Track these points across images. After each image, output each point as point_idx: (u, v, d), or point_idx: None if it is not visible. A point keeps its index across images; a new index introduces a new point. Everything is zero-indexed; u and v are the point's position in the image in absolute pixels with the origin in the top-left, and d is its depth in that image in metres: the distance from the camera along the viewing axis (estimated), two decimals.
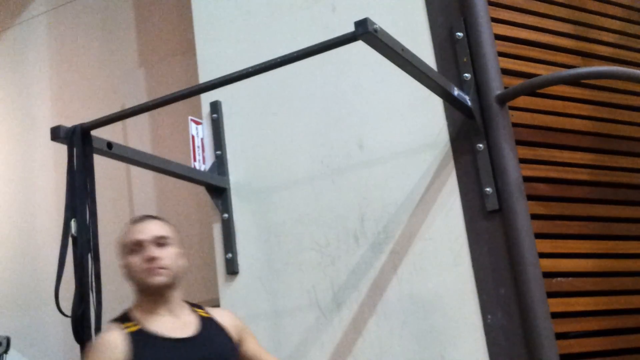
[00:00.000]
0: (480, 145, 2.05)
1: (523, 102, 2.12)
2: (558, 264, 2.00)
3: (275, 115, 2.44)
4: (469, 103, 2.03)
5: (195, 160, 2.46)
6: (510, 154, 2.01)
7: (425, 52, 2.17)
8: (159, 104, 1.98)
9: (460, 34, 2.13)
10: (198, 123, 2.53)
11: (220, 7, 2.62)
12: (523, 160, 2.04)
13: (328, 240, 2.25)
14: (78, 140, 1.93)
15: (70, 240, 1.90)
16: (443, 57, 2.17)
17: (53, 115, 3.56)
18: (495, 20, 2.17)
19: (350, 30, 1.63)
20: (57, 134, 1.95)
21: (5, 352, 3.14)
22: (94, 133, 1.97)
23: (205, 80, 2.26)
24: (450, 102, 2.02)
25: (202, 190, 2.51)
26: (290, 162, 2.37)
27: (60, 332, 3.19)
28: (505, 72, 2.11)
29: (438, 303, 2.05)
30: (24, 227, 3.52)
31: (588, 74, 2.19)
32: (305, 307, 2.24)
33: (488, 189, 2.02)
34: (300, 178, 2.34)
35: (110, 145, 2.00)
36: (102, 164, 2.09)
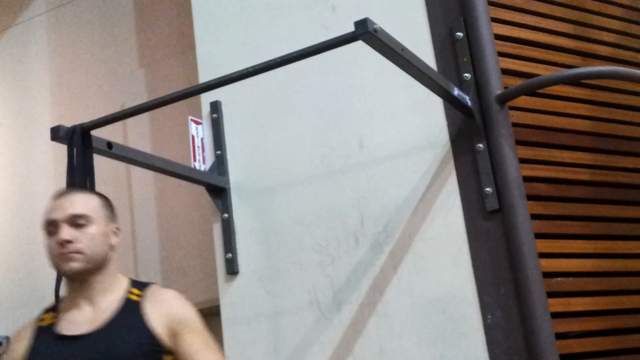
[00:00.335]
0: (480, 145, 2.05)
1: (523, 102, 2.12)
2: (558, 264, 1.99)
3: (275, 115, 2.44)
4: (469, 103, 2.03)
5: (195, 160, 2.46)
6: (510, 154, 2.01)
7: (425, 52, 2.16)
8: (159, 104, 1.98)
9: (460, 34, 2.13)
10: (198, 123, 2.53)
11: (220, 7, 2.61)
12: (523, 160, 2.04)
13: (328, 240, 2.25)
14: (78, 140, 1.92)
15: None
16: (443, 57, 2.17)
17: (53, 115, 3.56)
18: (495, 20, 2.16)
19: (350, 30, 1.63)
20: (57, 134, 1.94)
21: (5, 352, 3.14)
22: (94, 133, 1.97)
23: (205, 80, 2.26)
24: (450, 102, 2.02)
25: (202, 190, 2.51)
26: (290, 162, 2.37)
27: None
28: (505, 72, 2.11)
29: (438, 303, 2.05)
30: (24, 227, 3.52)
31: (588, 74, 2.19)
32: (305, 307, 2.24)
33: (488, 189, 2.02)
34: (300, 178, 2.34)
35: (110, 145, 2.00)
36: (102, 164, 2.09)
